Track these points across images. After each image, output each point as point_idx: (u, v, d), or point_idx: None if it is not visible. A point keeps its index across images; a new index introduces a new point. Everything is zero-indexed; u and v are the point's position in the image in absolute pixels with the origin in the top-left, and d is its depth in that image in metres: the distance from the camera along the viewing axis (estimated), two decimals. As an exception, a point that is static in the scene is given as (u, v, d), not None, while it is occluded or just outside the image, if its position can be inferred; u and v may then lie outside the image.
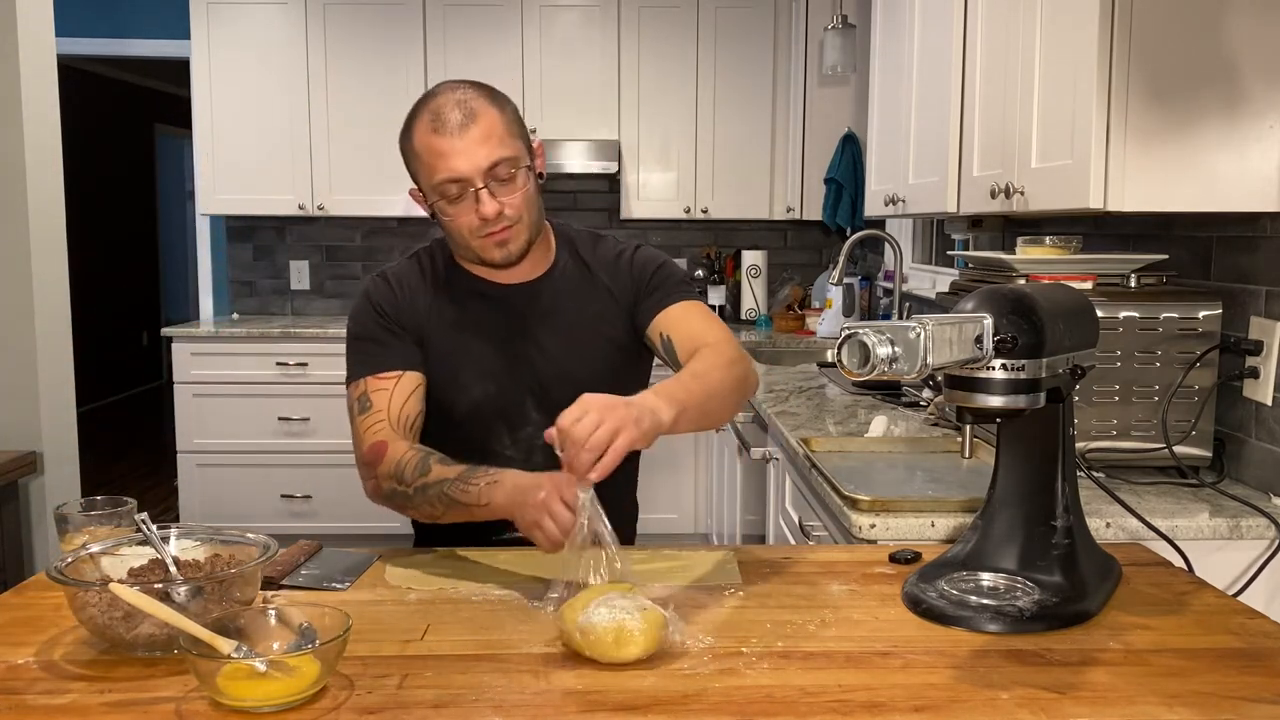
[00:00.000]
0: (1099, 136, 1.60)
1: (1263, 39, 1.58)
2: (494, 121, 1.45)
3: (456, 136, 1.43)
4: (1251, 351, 1.71)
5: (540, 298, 1.59)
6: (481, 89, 1.48)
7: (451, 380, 1.56)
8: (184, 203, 8.98)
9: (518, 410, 1.57)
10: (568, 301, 1.59)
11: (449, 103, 1.45)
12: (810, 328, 4.34)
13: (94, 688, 1.02)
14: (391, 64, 4.50)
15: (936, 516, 1.56)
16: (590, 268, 1.62)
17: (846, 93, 4.31)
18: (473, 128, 1.43)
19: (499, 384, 1.56)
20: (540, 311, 1.58)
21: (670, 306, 1.58)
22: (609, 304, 1.60)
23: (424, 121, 1.45)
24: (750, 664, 1.07)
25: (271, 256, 4.99)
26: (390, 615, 1.21)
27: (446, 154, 1.43)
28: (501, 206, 1.46)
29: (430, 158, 1.45)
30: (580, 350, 1.59)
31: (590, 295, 1.60)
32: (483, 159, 1.43)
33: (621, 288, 1.61)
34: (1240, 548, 1.56)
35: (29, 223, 2.51)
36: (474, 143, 1.43)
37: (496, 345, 1.57)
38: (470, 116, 1.43)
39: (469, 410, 1.56)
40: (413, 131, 1.47)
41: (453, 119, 1.43)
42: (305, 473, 4.32)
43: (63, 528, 1.31)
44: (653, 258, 1.64)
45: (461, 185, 1.44)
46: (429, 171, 1.46)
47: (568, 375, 1.55)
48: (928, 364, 1.06)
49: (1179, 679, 1.04)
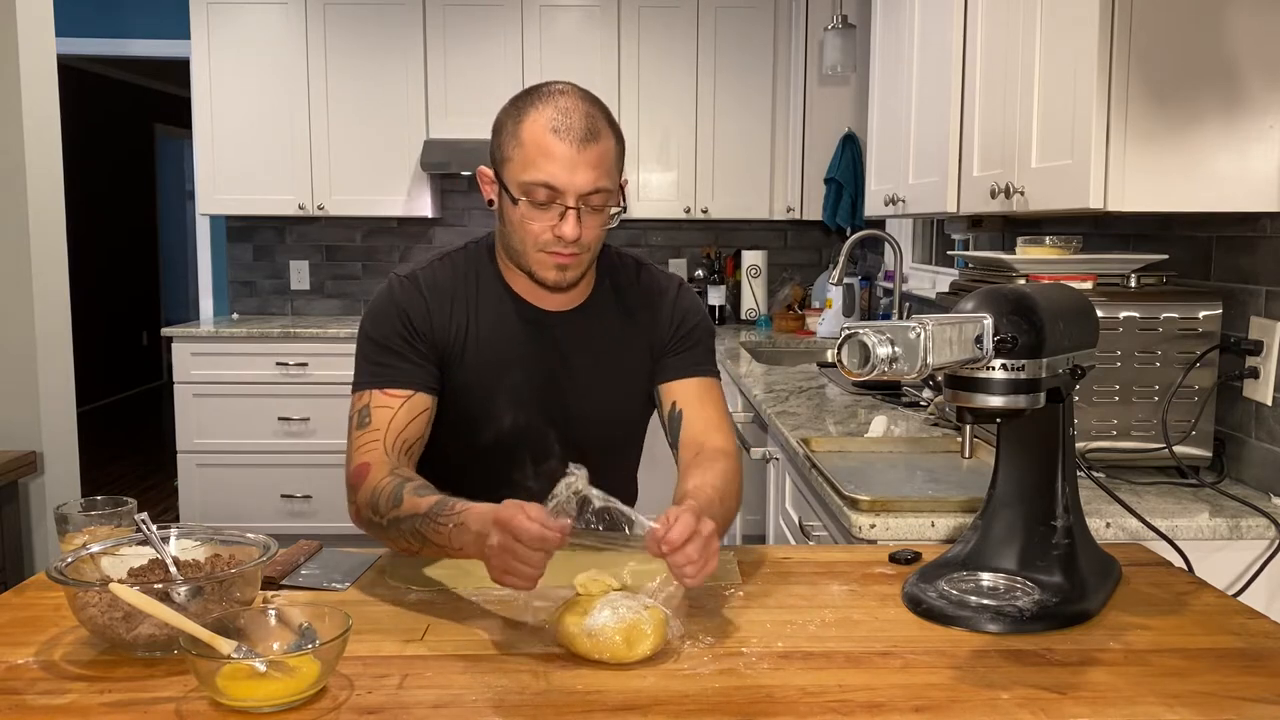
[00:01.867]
0: (1099, 136, 1.60)
1: (1263, 39, 1.58)
2: (610, 150, 1.40)
3: (574, 148, 1.36)
4: (1251, 351, 1.71)
5: (578, 328, 1.52)
6: (608, 114, 1.43)
7: (484, 407, 1.49)
8: (184, 203, 8.98)
9: (542, 442, 1.50)
10: (604, 335, 1.54)
11: (577, 109, 1.38)
12: (810, 328, 4.34)
13: (94, 688, 1.02)
14: (391, 64, 4.50)
15: (936, 516, 1.56)
16: (629, 302, 1.56)
17: (846, 93, 4.31)
18: (593, 147, 1.37)
19: (529, 415, 1.50)
20: (577, 343, 1.52)
21: (694, 379, 1.55)
22: (641, 343, 1.55)
23: (544, 114, 1.37)
24: (750, 664, 1.07)
25: (271, 256, 4.99)
26: (390, 615, 1.21)
27: (557, 159, 1.36)
28: (580, 233, 1.39)
29: (537, 154, 1.36)
30: (610, 387, 1.55)
31: (625, 331, 1.55)
32: (588, 182, 1.37)
33: (658, 329, 1.56)
34: (1240, 548, 1.56)
35: (29, 222, 2.51)
36: (588, 163, 1.36)
37: (531, 374, 1.50)
38: (594, 135, 1.37)
39: (494, 439, 1.50)
40: (525, 117, 1.38)
41: (578, 128, 1.36)
42: (305, 473, 4.33)
43: (63, 528, 1.31)
44: (694, 310, 1.59)
45: (554, 195, 1.37)
46: (528, 166, 1.37)
47: (595, 413, 1.53)
48: (928, 364, 1.06)
49: (1179, 679, 1.04)
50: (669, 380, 1.55)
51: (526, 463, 1.49)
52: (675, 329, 1.56)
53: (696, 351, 1.57)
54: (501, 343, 1.49)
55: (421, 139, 4.49)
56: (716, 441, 1.48)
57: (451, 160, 4.41)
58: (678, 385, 1.54)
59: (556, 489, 1.14)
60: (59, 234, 2.64)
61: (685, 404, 1.53)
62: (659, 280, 1.60)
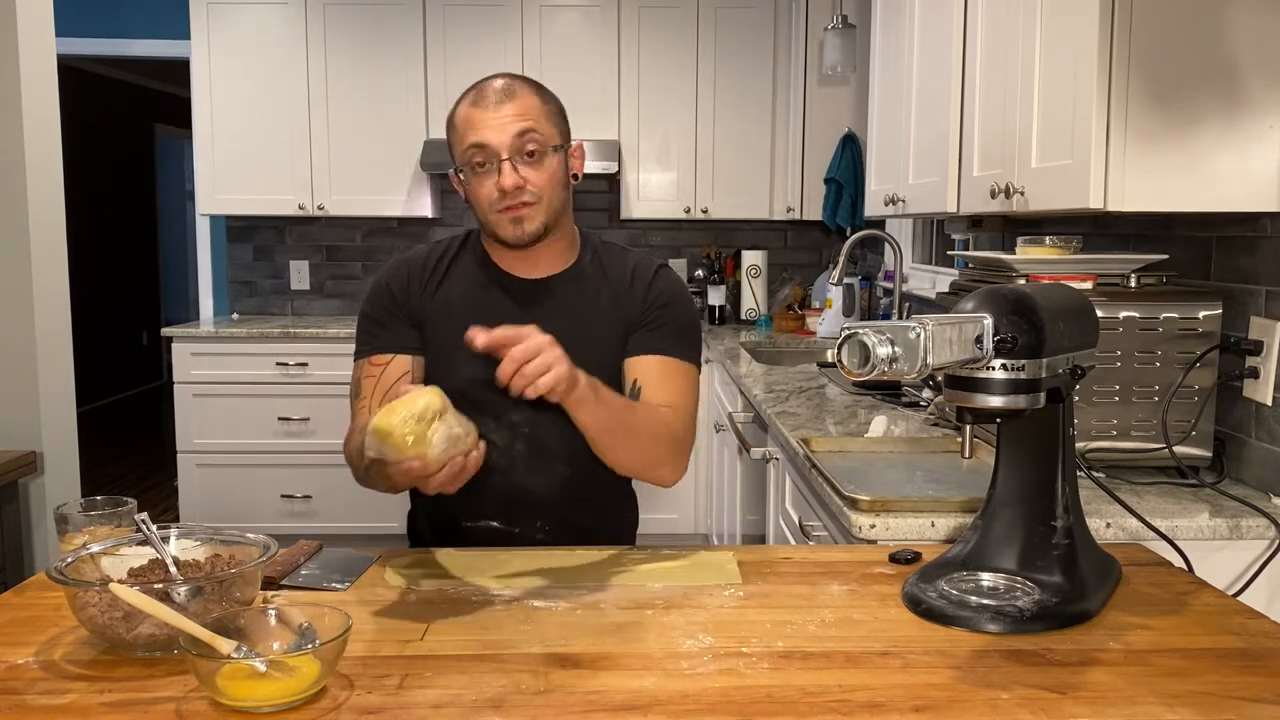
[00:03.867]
0: (1099, 136, 1.60)
1: (1263, 39, 1.58)
2: (532, 103, 1.51)
3: (491, 110, 1.48)
4: (1251, 351, 1.71)
5: (552, 294, 1.59)
6: (531, 81, 1.55)
7: (447, 356, 1.56)
8: (184, 203, 8.98)
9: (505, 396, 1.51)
10: (577, 303, 1.59)
11: (494, 82, 1.52)
12: (810, 328, 4.34)
13: (94, 688, 1.02)
14: (391, 64, 4.50)
15: (936, 516, 1.56)
16: (609, 277, 1.62)
17: (846, 93, 4.31)
18: (509, 104, 1.49)
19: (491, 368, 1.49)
20: (549, 307, 1.57)
21: (658, 357, 1.57)
22: (614, 316, 1.59)
23: (467, 97, 1.52)
24: (750, 664, 1.07)
25: (271, 256, 4.99)
26: (390, 615, 1.21)
27: (477, 124, 1.48)
28: (523, 181, 1.49)
29: (464, 127, 1.50)
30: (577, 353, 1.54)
31: (599, 304, 1.60)
32: (512, 132, 1.47)
33: (631, 304, 1.60)
34: (1240, 548, 1.56)
35: (29, 223, 2.51)
36: (507, 117, 1.48)
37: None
38: (509, 94, 1.50)
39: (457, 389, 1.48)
40: (455, 106, 1.53)
41: (491, 94, 1.50)
42: (305, 473, 4.32)
43: (63, 528, 1.31)
44: (673, 292, 1.61)
45: (487, 154, 1.48)
46: (460, 140, 1.51)
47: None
48: (928, 364, 1.06)
49: (1179, 679, 1.04)
50: (633, 356, 1.58)
51: (487, 418, 1.51)
52: (649, 307, 1.60)
53: (666, 331, 1.58)
54: (471, 300, 1.59)
55: (421, 139, 4.49)
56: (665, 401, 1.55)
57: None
58: (640, 361, 1.57)
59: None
60: (59, 234, 2.64)
61: (645, 382, 1.55)
62: (642, 261, 1.65)
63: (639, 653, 1.10)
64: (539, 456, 1.56)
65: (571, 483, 1.58)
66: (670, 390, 1.56)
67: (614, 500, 1.70)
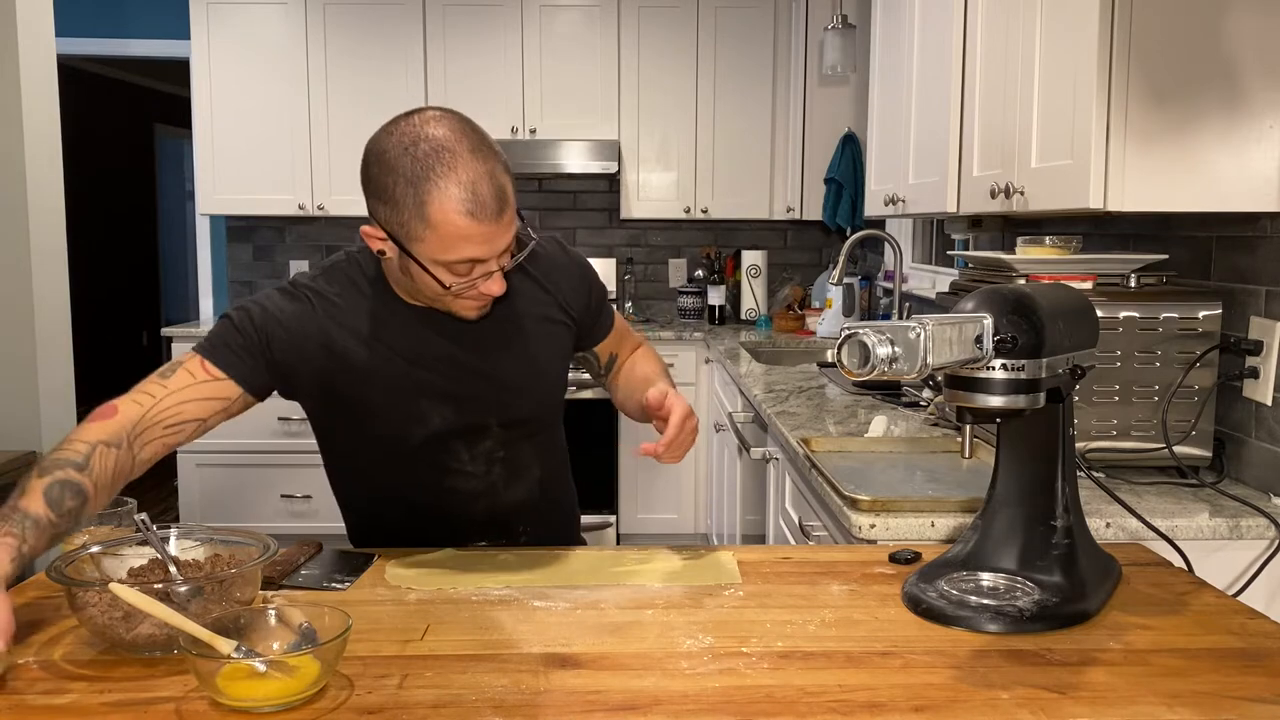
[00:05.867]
0: (1099, 136, 1.60)
1: (1263, 39, 1.58)
2: (511, 195, 1.34)
3: (490, 223, 1.30)
4: (1251, 351, 1.71)
5: (492, 314, 1.48)
6: (491, 145, 1.34)
7: (406, 414, 1.47)
8: (184, 203, 8.97)
9: (478, 427, 1.51)
10: (519, 313, 1.53)
11: (482, 179, 1.29)
12: (810, 328, 4.34)
13: (94, 688, 1.02)
14: (391, 64, 4.50)
15: (936, 516, 1.56)
16: (534, 276, 1.55)
17: (846, 93, 4.31)
18: (506, 212, 1.32)
19: (458, 407, 1.48)
20: (489, 327, 1.49)
21: (613, 329, 1.70)
22: (556, 311, 1.58)
23: (450, 194, 1.28)
24: (750, 664, 1.07)
25: (271, 256, 4.99)
26: (390, 615, 1.21)
27: (477, 240, 1.30)
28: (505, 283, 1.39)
29: (455, 237, 1.30)
30: (537, 360, 1.55)
31: (539, 304, 1.55)
32: (504, 243, 1.35)
33: (573, 298, 1.59)
34: (1240, 548, 1.56)
35: (29, 223, 2.52)
36: (504, 228, 1.33)
37: (450, 370, 1.48)
38: (502, 200, 1.31)
39: (425, 438, 1.49)
40: (428, 198, 1.28)
41: (489, 204, 1.29)
42: (305, 473, 4.32)
43: (63, 528, 1.30)
44: (585, 269, 1.65)
45: (477, 264, 1.34)
46: (447, 249, 1.31)
47: (528, 387, 1.54)
48: (928, 364, 1.06)
49: (1179, 679, 1.04)
50: (599, 343, 1.69)
51: (462, 449, 1.52)
52: (591, 297, 1.64)
53: (606, 305, 1.69)
54: (405, 348, 1.46)
55: (421, 139, 4.48)
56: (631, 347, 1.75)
57: (451, 160, 4.41)
58: (607, 342, 1.70)
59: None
60: (59, 234, 2.64)
61: (617, 349, 1.72)
62: (552, 248, 1.60)
63: (639, 653, 1.10)
64: (515, 473, 1.57)
65: (545, 484, 1.62)
66: (625, 340, 1.74)
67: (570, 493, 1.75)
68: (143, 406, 1.33)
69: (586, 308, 1.63)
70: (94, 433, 1.27)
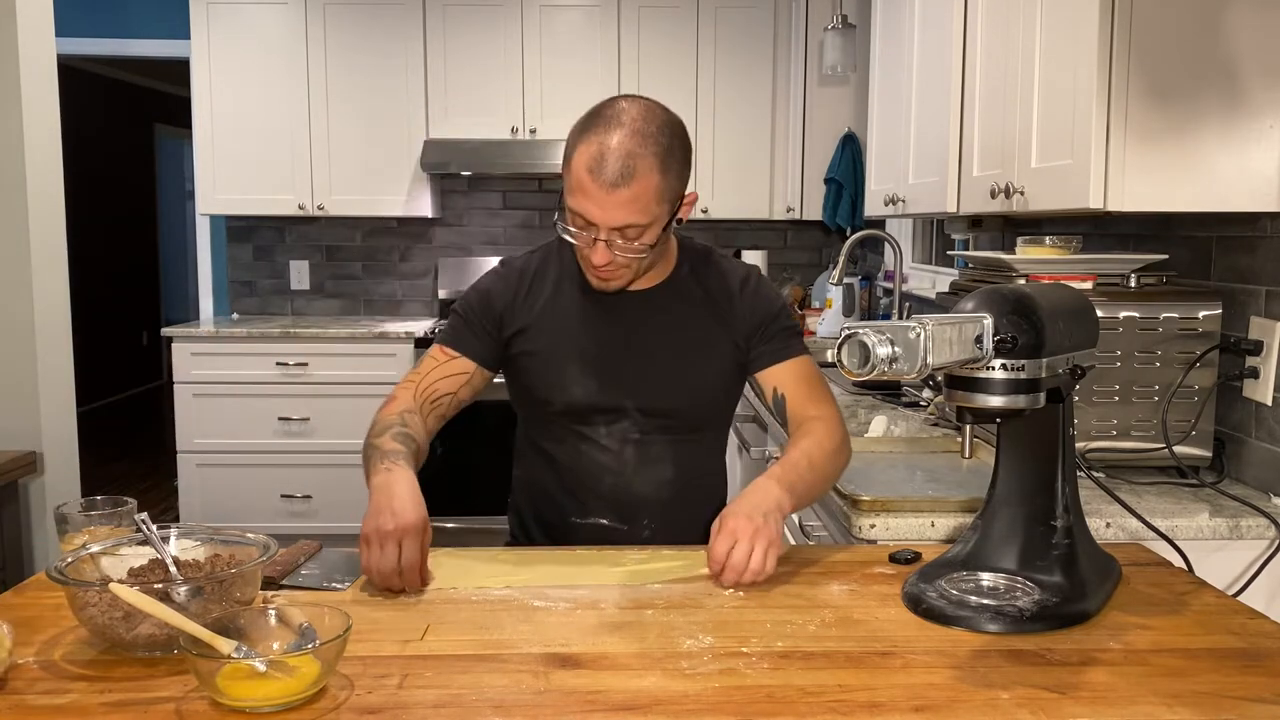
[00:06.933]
0: (1099, 136, 1.60)
1: (1263, 39, 1.58)
2: (647, 188, 1.42)
3: (606, 190, 1.41)
4: (1251, 351, 1.71)
5: (655, 306, 1.61)
6: (658, 143, 1.43)
7: (555, 378, 1.60)
8: (184, 203, 8.97)
9: (616, 408, 1.60)
10: (681, 315, 1.62)
11: (618, 149, 1.41)
12: (810, 328, 4.34)
13: (94, 688, 1.02)
14: (391, 64, 4.49)
15: (936, 516, 1.56)
16: (706, 288, 1.64)
17: (846, 93, 4.31)
18: (623, 189, 1.41)
19: (600, 383, 1.59)
20: (653, 320, 1.61)
21: (788, 362, 1.63)
22: (719, 330, 1.62)
23: (589, 149, 1.42)
24: (750, 664, 1.07)
25: (271, 256, 4.99)
26: (390, 615, 1.21)
27: (591, 197, 1.42)
28: (613, 257, 1.47)
29: (576, 187, 1.43)
30: (688, 365, 1.61)
31: (703, 315, 1.62)
32: (616, 220, 1.43)
33: (737, 320, 1.63)
34: (1240, 548, 1.56)
35: (29, 223, 2.51)
36: (617, 204, 1.42)
37: (603, 348, 1.60)
38: (627, 177, 1.40)
39: (565, 406, 1.61)
40: (577, 146, 1.44)
41: (611, 172, 1.40)
42: (305, 473, 4.32)
43: (63, 528, 1.31)
44: (771, 297, 1.66)
45: (588, 224, 1.46)
46: (572, 194, 1.45)
47: (673, 388, 1.60)
48: (928, 364, 1.06)
49: (1179, 679, 1.04)
50: (765, 368, 1.63)
51: (599, 425, 1.61)
52: (758, 320, 1.63)
53: (783, 337, 1.64)
54: (572, 320, 1.61)
55: (421, 139, 4.48)
56: (813, 411, 1.59)
57: (451, 160, 4.41)
58: (774, 371, 1.63)
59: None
60: (59, 234, 2.64)
61: (784, 387, 1.62)
62: (732, 269, 1.69)
63: (639, 653, 1.10)
64: (647, 462, 1.61)
65: (677, 485, 1.63)
66: (805, 384, 1.61)
67: (715, 501, 1.71)
68: (412, 387, 1.59)
69: (747, 323, 1.63)
70: (394, 409, 1.54)
